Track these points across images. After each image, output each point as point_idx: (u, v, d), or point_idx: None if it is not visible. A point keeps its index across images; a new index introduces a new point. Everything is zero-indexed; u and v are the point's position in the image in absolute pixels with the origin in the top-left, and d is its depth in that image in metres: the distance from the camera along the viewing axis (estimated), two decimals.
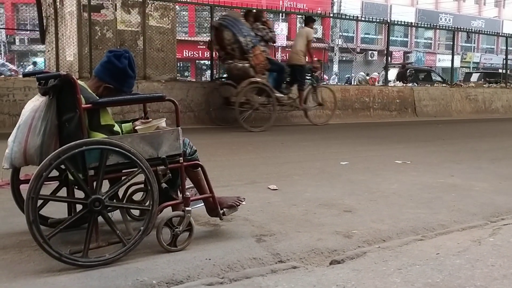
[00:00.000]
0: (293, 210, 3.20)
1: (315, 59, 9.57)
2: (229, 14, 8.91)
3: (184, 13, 25.79)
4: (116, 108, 7.22)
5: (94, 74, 2.54)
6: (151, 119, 2.71)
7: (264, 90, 8.25)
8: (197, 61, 28.14)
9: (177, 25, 11.11)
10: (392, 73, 17.66)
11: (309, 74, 9.07)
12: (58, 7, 8.64)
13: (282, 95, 8.61)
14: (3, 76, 10.83)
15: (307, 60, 9.00)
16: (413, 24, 16.03)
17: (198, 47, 25.50)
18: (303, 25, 9.49)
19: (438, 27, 25.80)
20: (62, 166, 2.28)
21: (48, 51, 9.23)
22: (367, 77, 18.88)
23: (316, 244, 2.53)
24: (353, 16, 12.73)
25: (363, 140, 7.26)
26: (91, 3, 8.45)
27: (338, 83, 18.82)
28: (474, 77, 20.41)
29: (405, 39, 33.06)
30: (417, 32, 32.72)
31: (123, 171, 2.33)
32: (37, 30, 9.75)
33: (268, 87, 8.28)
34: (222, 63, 9.01)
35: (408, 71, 17.92)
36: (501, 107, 13.79)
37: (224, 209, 2.65)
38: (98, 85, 2.49)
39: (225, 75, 9.35)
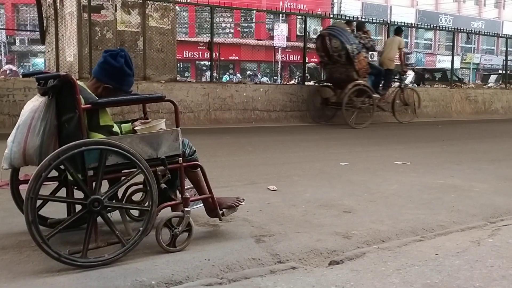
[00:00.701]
0: (292, 211, 3.21)
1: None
2: (336, 24, 10.00)
3: (184, 13, 25.85)
4: (116, 108, 7.23)
5: (93, 75, 2.54)
6: (150, 120, 2.72)
7: (365, 91, 9.31)
8: (197, 61, 28.17)
9: (177, 25, 11.12)
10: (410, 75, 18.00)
11: (398, 77, 10.24)
12: (58, 7, 8.65)
13: (379, 96, 9.77)
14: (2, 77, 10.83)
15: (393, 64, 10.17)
16: (413, 25, 16.03)
17: (198, 47, 25.52)
18: (393, 34, 10.48)
19: (438, 28, 25.83)
20: (62, 167, 2.28)
21: (48, 51, 9.23)
22: None
23: (315, 244, 2.53)
24: (353, 17, 12.72)
25: (362, 141, 7.25)
26: (91, 4, 8.46)
27: None
28: (492, 78, 20.42)
29: (405, 40, 33.05)
30: (417, 33, 32.72)
31: (123, 171, 2.33)
32: (37, 31, 9.76)
33: (369, 88, 9.39)
34: (324, 68, 10.11)
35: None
36: (501, 108, 13.78)
37: (224, 210, 2.65)
38: (97, 86, 2.49)
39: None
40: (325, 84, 10.01)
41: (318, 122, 9.77)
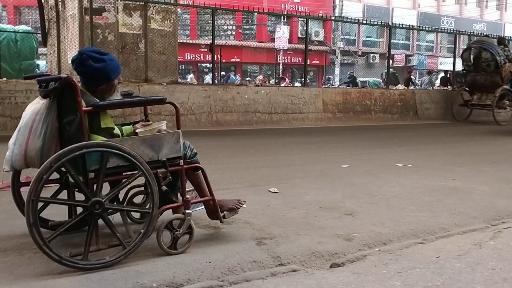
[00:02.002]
0: (293, 213, 3.20)
1: None
2: (484, 39, 11.99)
3: (185, 16, 25.88)
4: (118, 110, 7.24)
5: (84, 85, 2.52)
6: (151, 122, 2.72)
7: (507, 95, 11.29)
8: (198, 64, 28.19)
9: (178, 28, 11.14)
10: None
11: None
12: (60, 10, 8.68)
13: None
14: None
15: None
16: (415, 27, 16.04)
17: (200, 50, 25.53)
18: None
19: (439, 30, 25.78)
20: (63, 169, 2.29)
21: (50, 53, 9.26)
22: None
23: (316, 247, 2.53)
24: (355, 19, 12.75)
25: (364, 143, 7.25)
26: (93, 6, 8.47)
27: (340, 86, 18.80)
28: None
29: (406, 42, 33.03)
30: (418, 35, 32.70)
31: (124, 173, 2.34)
32: (39, 33, 9.79)
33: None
34: (466, 75, 11.91)
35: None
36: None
37: (225, 212, 2.65)
38: (92, 90, 2.46)
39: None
40: (465, 89, 11.78)
41: (457, 120, 11.70)
